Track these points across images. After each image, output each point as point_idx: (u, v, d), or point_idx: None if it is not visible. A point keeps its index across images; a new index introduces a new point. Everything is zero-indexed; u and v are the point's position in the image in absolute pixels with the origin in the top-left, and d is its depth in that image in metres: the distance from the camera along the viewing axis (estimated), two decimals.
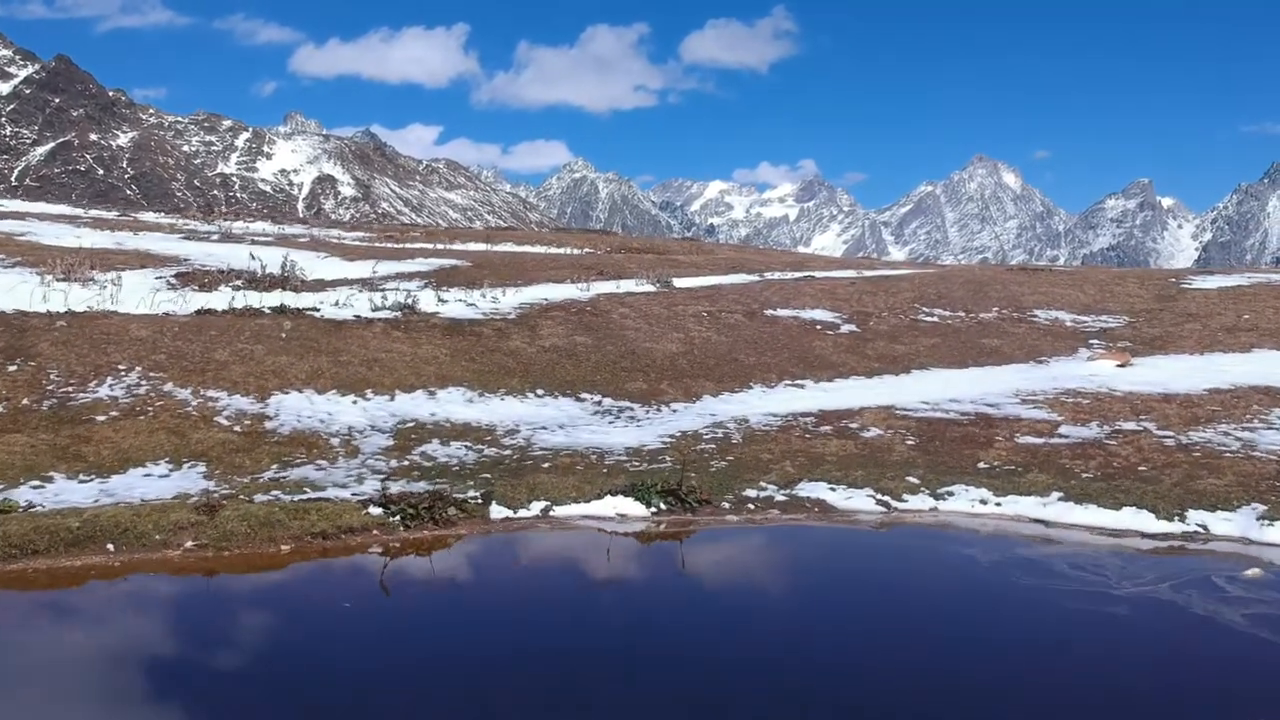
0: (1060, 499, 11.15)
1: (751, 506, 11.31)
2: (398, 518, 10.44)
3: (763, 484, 11.90)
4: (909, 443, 13.51)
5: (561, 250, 37.08)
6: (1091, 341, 20.15)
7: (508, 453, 13.13)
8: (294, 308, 19.20)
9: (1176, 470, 11.79)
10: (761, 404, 15.99)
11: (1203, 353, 18.73)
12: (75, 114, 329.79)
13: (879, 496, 11.56)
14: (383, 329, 18.25)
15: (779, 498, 11.58)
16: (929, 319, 21.80)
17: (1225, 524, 10.31)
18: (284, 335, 17.39)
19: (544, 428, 14.44)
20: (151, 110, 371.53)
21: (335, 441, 13.30)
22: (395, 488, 11.36)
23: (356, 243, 35.02)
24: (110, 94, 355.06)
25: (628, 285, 24.75)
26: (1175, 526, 10.38)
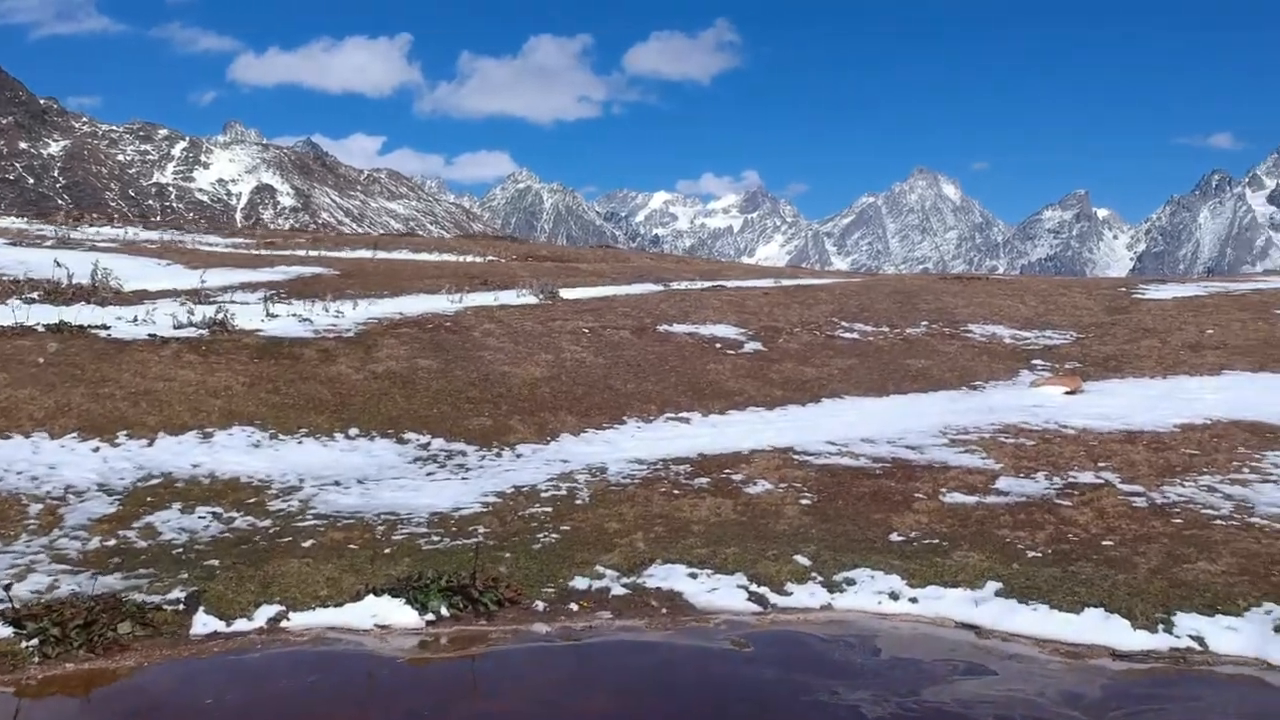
0: (999, 593, 8.03)
1: (575, 607, 8.06)
2: (34, 642, 7.07)
3: (600, 569, 8.68)
4: (804, 502, 10.35)
5: (460, 258, 33.73)
6: (1034, 362, 17.19)
7: (266, 523, 9.77)
8: (76, 325, 15.66)
9: (1154, 547, 8.72)
10: (631, 445, 12.78)
11: (1165, 375, 15.84)
12: (4, 122, 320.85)
13: (753, 588, 8.38)
14: (175, 351, 14.80)
15: (617, 590, 8.36)
16: (847, 335, 18.72)
17: (1230, 636, 7.23)
18: (43, 360, 13.88)
19: (337, 483, 11.10)
20: (85, 119, 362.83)
21: (35, 509, 9.85)
22: (67, 587, 7.99)
23: (225, 249, 31.40)
24: (41, 102, 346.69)
25: (508, 297, 21.47)
26: (1160, 640, 7.28)
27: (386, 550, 9.00)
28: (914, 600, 8.12)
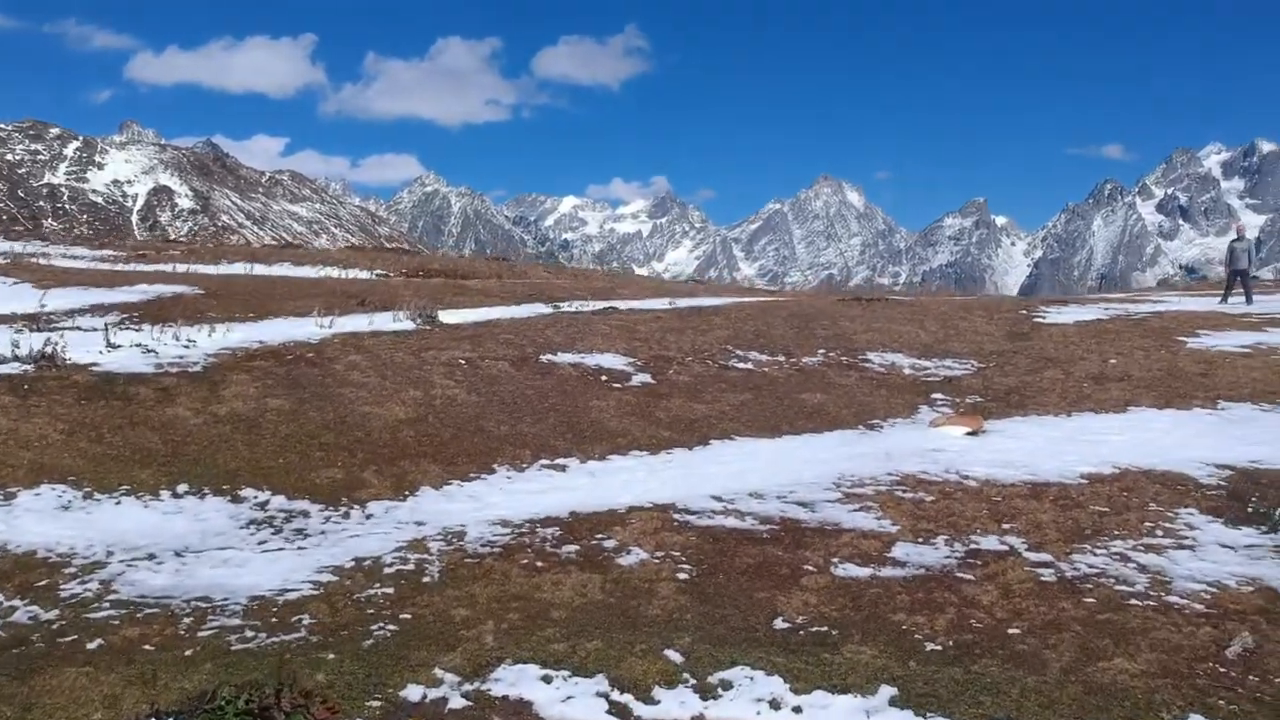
0: (893, 701, 6.97)
1: None
2: None
3: (439, 672, 7.42)
4: (682, 577, 9.22)
5: (344, 273, 32.08)
6: (935, 396, 16.37)
7: (53, 615, 8.32)
8: None
9: (1065, 637, 7.76)
10: (498, 500, 11.57)
11: (1069, 412, 15.11)
12: None
13: (615, 695, 7.20)
14: None
15: (456, 702, 7.12)
16: (741, 366, 17.73)
17: None
18: None
19: (151, 556, 9.67)
20: None
21: None
22: None
23: (87, 265, 29.34)
24: None
25: (383, 320, 20.07)
26: None
27: (188, 652, 7.64)
28: (797, 710, 7.02)
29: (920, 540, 9.89)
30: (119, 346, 16.08)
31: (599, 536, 10.16)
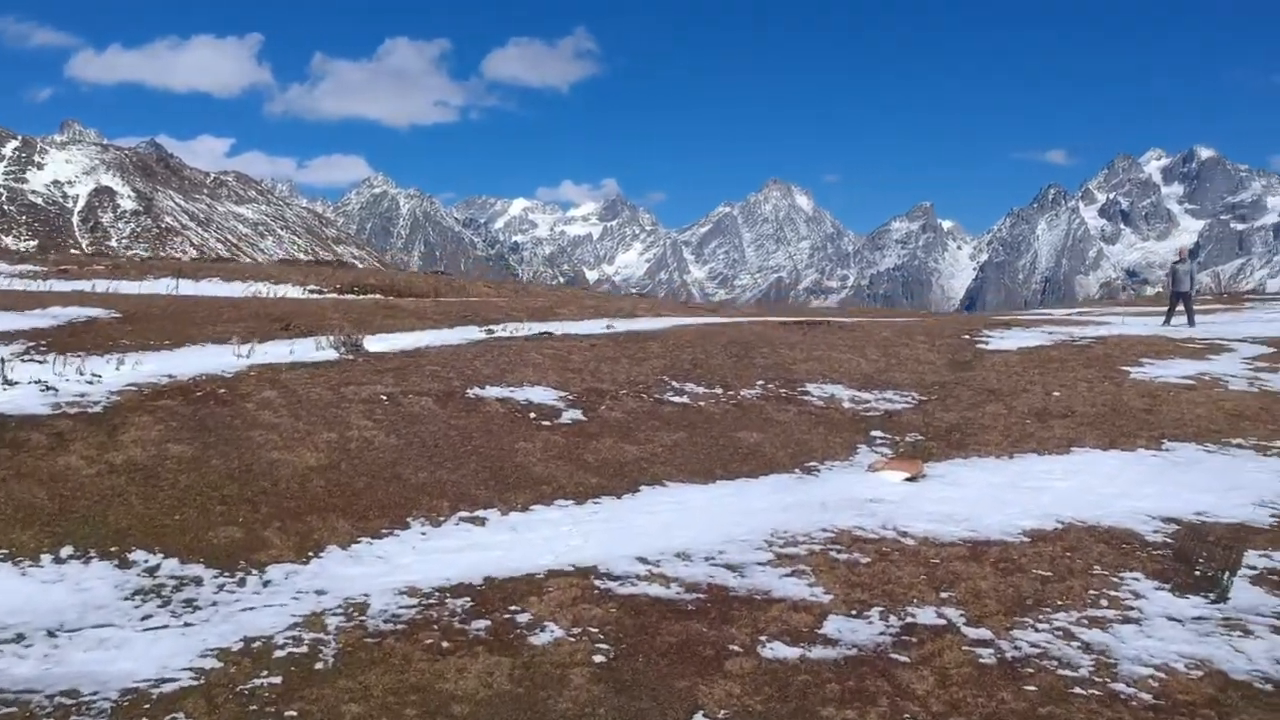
0: None
1: None
2: None
3: None
4: (598, 660, 8.55)
5: (274, 289, 31.09)
6: (874, 434, 15.85)
7: None
8: None
9: None
10: (409, 562, 10.84)
11: (1011, 454, 14.66)
12: None
13: None
14: None
15: None
16: (677, 400, 17.10)
17: None
18: None
19: (20, 637, 8.84)
20: None
21: None
22: None
23: (3, 282, 28.09)
24: None
25: (305, 348, 19.21)
26: None
27: None
28: None
29: (854, 613, 9.31)
30: (16, 383, 15.12)
31: (513, 609, 9.48)
